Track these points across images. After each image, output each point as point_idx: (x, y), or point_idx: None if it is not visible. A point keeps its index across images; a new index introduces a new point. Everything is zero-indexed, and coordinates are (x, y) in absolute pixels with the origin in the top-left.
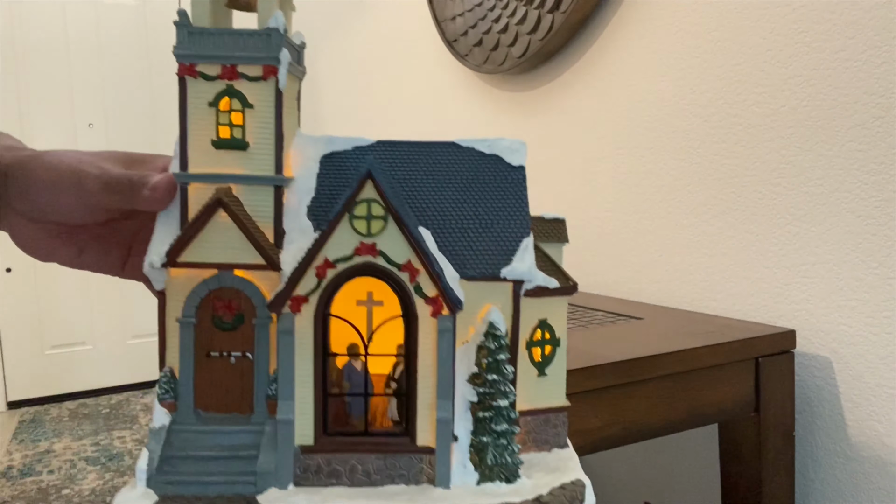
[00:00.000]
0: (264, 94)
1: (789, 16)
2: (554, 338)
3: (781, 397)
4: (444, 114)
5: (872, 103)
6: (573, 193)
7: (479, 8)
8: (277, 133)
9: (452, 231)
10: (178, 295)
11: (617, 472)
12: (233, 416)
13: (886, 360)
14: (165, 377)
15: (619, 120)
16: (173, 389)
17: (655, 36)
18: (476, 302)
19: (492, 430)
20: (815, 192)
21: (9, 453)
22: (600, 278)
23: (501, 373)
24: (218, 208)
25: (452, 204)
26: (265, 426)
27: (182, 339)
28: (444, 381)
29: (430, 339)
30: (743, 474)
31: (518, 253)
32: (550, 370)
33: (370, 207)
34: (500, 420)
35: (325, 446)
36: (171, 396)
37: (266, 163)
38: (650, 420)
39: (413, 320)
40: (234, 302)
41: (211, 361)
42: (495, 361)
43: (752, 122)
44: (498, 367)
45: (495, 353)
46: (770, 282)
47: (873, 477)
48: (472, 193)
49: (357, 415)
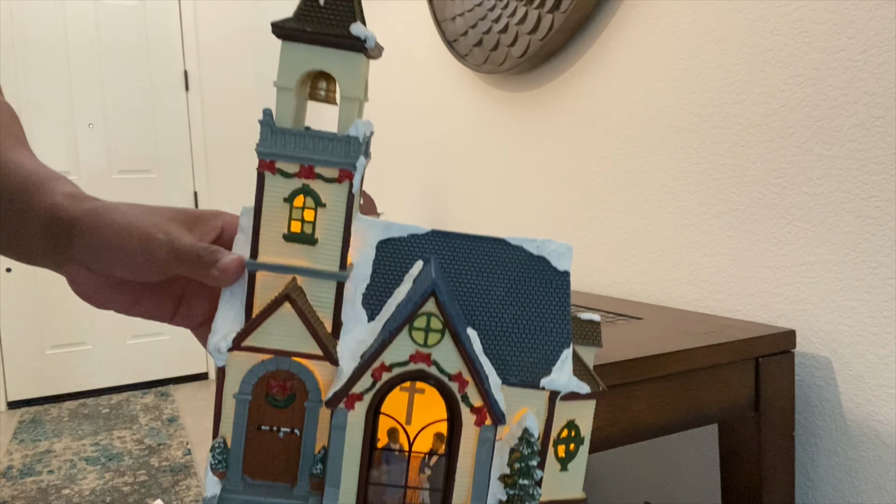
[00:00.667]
0: (338, 195)
1: (789, 16)
2: (579, 437)
3: (781, 397)
4: (444, 114)
5: (872, 103)
6: (573, 193)
7: (479, 8)
8: (346, 232)
9: (498, 333)
10: (237, 373)
11: (617, 472)
12: (277, 486)
13: (886, 360)
14: (219, 447)
15: (619, 120)
16: (225, 459)
17: (655, 36)
18: (513, 405)
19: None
20: (815, 192)
21: (9, 453)
22: (600, 278)
23: (531, 476)
24: (285, 301)
25: (499, 304)
26: (308, 500)
27: (237, 413)
28: (479, 486)
29: (471, 445)
30: (743, 474)
31: (558, 363)
32: (572, 465)
33: (429, 321)
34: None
35: None
36: (223, 466)
37: (332, 258)
38: (650, 420)
39: (458, 426)
40: (288, 383)
41: (261, 434)
42: (526, 466)
43: (752, 122)
44: (528, 472)
45: (528, 458)
46: (770, 282)
47: (873, 477)
48: (518, 295)
49: (392, 499)
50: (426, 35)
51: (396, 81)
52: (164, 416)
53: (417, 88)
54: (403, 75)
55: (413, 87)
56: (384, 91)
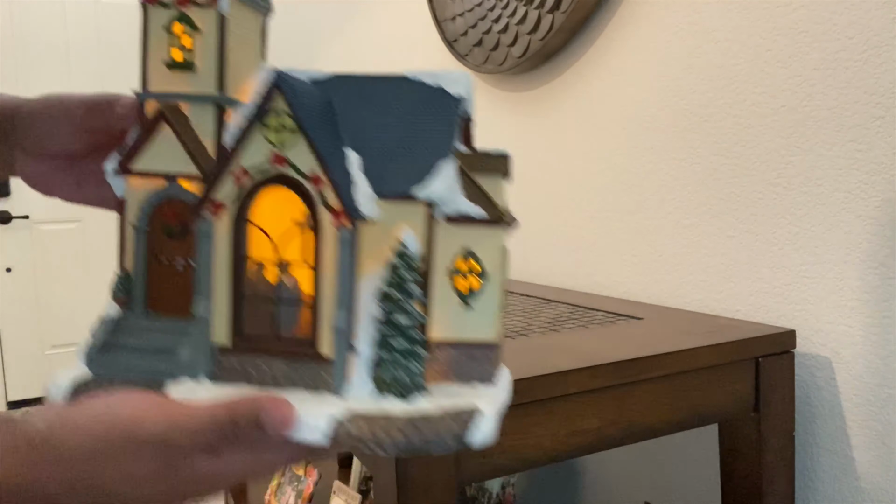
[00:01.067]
0: (210, 19)
1: (789, 16)
2: (484, 271)
3: (781, 397)
4: None
5: (872, 103)
6: (573, 193)
7: (479, 8)
8: (220, 55)
9: (380, 153)
10: (134, 202)
11: (617, 472)
12: (176, 320)
13: (886, 360)
14: (121, 277)
15: (619, 120)
16: (127, 288)
17: (655, 36)
18: (393, 223)
19: (390, 345)
20: (815, 192)
21: None
22: (600, 278)
23: (405, 291)
24: (161, 121)
25: (388, 130)
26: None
27: (136, 245)
28: (342, 292)
29: (332, 250)
30: (743, 474)
31: (433, 173)
32: (477, 304)
33: (281, 119)
34: (399, 336)
35: (239, 347)
36: (124, 293)
37: (209, 82)
38: (650, 420)
39: (319, 230)
40: (181, 212)
41: (161, 267)
42: (399, 278)
43: (752, 122)
44: (401, 285)
45: (399, 269)
46: (770, 282)
47: (873, 477)
48: (408, 122)
49: (286, 326)
50: (426, 35)
51: None
52: None
53: None
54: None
55: None
56: None
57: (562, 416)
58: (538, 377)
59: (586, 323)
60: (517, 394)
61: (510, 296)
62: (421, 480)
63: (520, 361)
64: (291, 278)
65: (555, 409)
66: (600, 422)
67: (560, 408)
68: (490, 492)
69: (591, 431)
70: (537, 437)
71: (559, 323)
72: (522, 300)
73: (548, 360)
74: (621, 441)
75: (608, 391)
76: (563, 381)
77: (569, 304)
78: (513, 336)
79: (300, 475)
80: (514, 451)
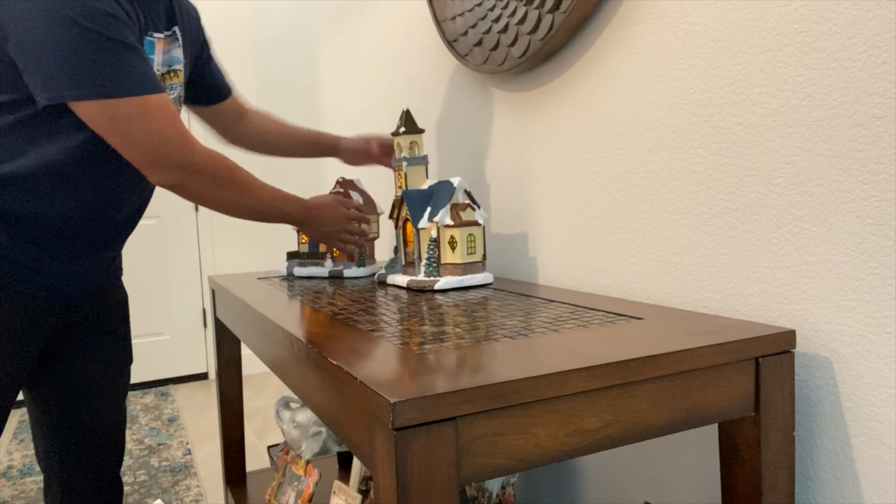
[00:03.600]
0: None
1: (789, 16)
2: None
3: (781, 397)
4: (444, 113)
5: (872, 103)
6: (573, 193)
7: (479, 8)
8: None
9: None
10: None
11: (617, 472)
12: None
13: (886, 360)
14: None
15: (619, 120)
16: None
17: (655, 36)
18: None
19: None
20: (815, 192)
21: (9, 453)
22: (600, 278)
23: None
24: None
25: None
26: None
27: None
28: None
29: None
30: (743, 474)
31: None
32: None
33: None
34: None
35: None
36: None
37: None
38: (650, 420)
39: None
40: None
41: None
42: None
43: (752, 122)
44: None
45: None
46: (770, 282)
47: (873, 477)
48: None
49: None
50: (426, 35)
51: (396, 81)
52: (164, 416)
53: (417, 88)
54: (403, 75)
55: (413, 86)
56: (384, 91)
57: (562, 416)
58: (538, 377)
59: (586, 323)
60: (517, 394)
61: (510, 295)
62: (421, 480)
63: (520, 361)
64: None
65: (555, 409)
66: (600, 422)
67: (560, 408)
68: (490, 492)
69: (591, 431)
70: (537, 437)
71: (559, 323)
72: (522, 300)
73: (548, 360)
74: (621, 441)
75: (608, 391)
76: (563, 381)
77: (569, 304)
78: (513, 336)
79: (300, 475)
80: (514, 451)
